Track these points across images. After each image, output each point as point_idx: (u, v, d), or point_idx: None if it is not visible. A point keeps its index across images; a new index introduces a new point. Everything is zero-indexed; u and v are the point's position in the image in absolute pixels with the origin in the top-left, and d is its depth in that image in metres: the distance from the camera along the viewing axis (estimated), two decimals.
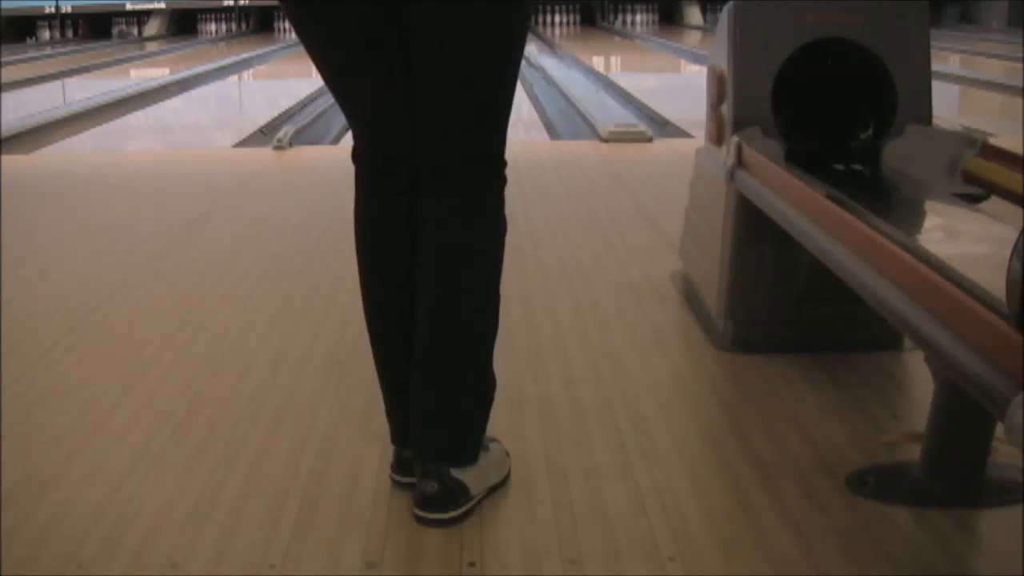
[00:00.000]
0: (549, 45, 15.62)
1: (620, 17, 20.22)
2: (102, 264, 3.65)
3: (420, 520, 1.85)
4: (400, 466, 1.97)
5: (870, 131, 2.66)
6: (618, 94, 9.12)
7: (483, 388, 1.91)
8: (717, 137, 2.79)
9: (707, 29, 17.26)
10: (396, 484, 1.98)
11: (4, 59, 13.84)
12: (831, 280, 1.95)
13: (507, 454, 2.01)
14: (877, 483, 1.95)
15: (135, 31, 20.65)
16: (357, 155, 1.91)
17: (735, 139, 2.57)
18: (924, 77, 2.62)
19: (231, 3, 20.38)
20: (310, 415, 2.33)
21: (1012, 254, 1.31)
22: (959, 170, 2.41)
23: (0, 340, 2.80)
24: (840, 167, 2.60)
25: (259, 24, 20.46)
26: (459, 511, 1.84)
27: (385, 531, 1.84)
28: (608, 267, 3.41)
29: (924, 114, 2.61)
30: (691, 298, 2.97)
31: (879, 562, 1.73)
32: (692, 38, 16.56)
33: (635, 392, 2.42)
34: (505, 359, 2.66)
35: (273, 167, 5.60)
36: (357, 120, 1.89)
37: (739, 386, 2.47)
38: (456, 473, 1.84)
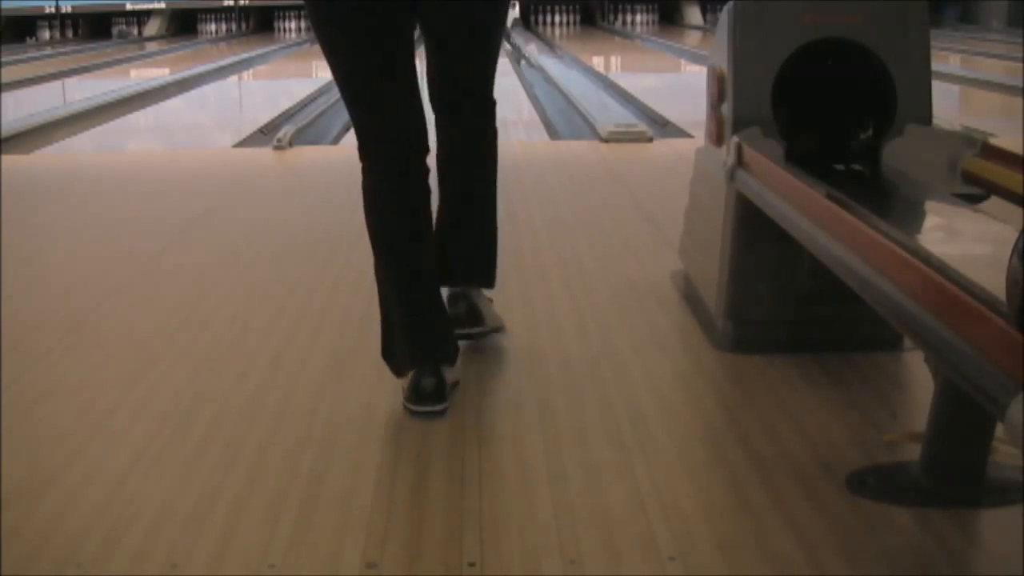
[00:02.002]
0: (549, 45, 15.61)
1: (620, 17, 20.19)
2: (102, 264, 3.65)
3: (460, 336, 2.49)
4: (417, 395, 2.28)
5: (870, 131, 2.66)
6: (618, 94, 9.11)
7: (496, 232, 2.66)
8: (717, 137, 2.79)
9: (707, 29, 17.24)
10: (411, 414, 2.26)
11: (4, 59, 13.83)
12: (831, 280, 1.95)
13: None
14: (877, 483, 1.95)
15: (135, 31, 20.63)
16: (371, 150, 2.36)
17: (735, 139, 2.57)
18: (924, 77, 2.62)
19: (231, 3, 20.37)
20: (310, 415, 2.33)
21: (1012, 254, 1.31)
22: (959, 170, 2.41)
23: (0, 340, 2.80)
24: (840, 167, 2.60)
25: (259, 24, 20.44)
26: (479, 329, 2.64)
27: (385, 531, 1.84)
28: (608, 267, 3.41)
29: (924, 114, 2.61)
30: (691, 298, 2.97)
31: (879, 562, 1.73)
32: (692, 38, 16.55)
33: (635, 392, 2.42)
34: (505, 359, 2.67)
35: (273, 167, 5.60)
36: (369, 111, 2.34)
37: (739, 386, 2.47)
38: (479, 301, 2.65)
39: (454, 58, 2.49)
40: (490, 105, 2.59)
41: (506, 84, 10.75)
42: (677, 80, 11.81)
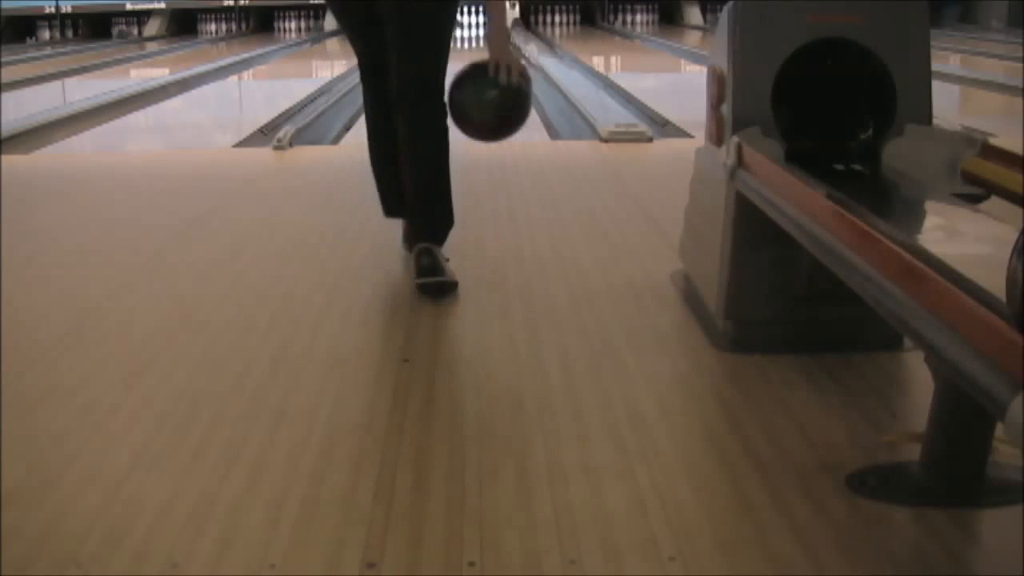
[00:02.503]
0: (549, 45, 15.61)
1: (620, 17, 20.18)
2: (102, 264, 3.65)
3: (422, 287, 3.09)
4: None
5: (870, 131, 2.66)
6: (618, 94, 9.11)
7: (450, 202, 3.27)
8: (717, 137, 2.79)
9: (707, 29, 17.24)
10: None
11: (4, 59, 13.82)
12: (831, 280, 1.95)
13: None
14: (877, 483, 1.95)
15: (135, 31, 20.60)
16: (367, 80, 3.36)
17: (735, 139, 2.57)
18: (924, 77, 2.62)
19: (231, 3, 20.36)
20: (310, 415, 2.33)
21: (1012, 254, 1.32)
22: (959, 170, 2.41)
23: (0, 340, 2.80)
24: (840, 167, 2.60)
25: (259, 24, 20.42)
26: (439, 278, 3.09)
27: (385, 531, 1.84)
28: (608, 267, 3.41)
29: (924, 114, 2.61)
30: (691, 298, 2.97)
31: (879, 562, 1.73)
32: (692, 38, 16.55)
33: (635, 392, 2.42)
34: (505, 359, 2.68)
35: (273, 167, 5.60)
36: (368, 56, 3.31)
37: (739, 386, 2.47)
38: (439, 258, 3.15)
39: (400, 54, 3.12)
40: (437, 106, 3.14)
41: None
42: (677, 80, 11.81)
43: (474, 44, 16.64)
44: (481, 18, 18.77)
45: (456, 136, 3.31)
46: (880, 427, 2.20)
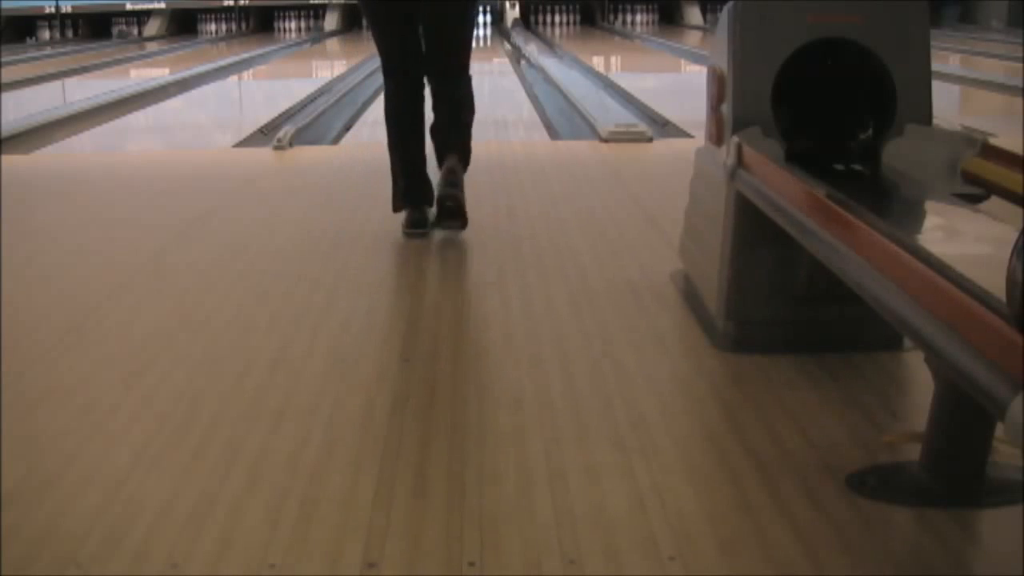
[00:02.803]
0: (549, 45, 15.60)
1: (620, 17, 20.17)
2: (102, 264, 3.65)
3: (442, 197, 3.64)
4: (411, 224, 3.75)
5: (870, 131, 2.66)
6: (618, 94, 9.10)
7: (470, 146, 3.84)
8: (717, 137, 2.79)
9: (707, 29, 17.23)
10: (406, 235, 3.70)
11: (4, 59, 13.81)
12: (831, 280, 1.95)
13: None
14: (877, 483, 1.95)
15: (135, 31, 20.60)
16: (389, 72, 3.85)
17: (735, 139, 2.57)
18: (924, 77, 2.62)
19: (231, 3, 20.35)
20: (310, 415, 2.33)
21: (1012, 254, 1.32)
22: (959, 170, 2.41)
23: (0, 340, 2.80)
24: (840, 167, 2.60)
25: (259, 24, 20.42)
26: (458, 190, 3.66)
27: (385, 531, 1.84)
28: (608, 267, 3.41)
29: (924, 114, 2.61)
30: (691, 298, 2.97)
31: (879, 562, 1.73)
32: (692, 38, 16.54)
33: (635, 392, 2.42)
34: (505, 359, 2.68)
35: (273, 167, 5.60)
36: (392, 54, 3.83)
37: (739, 386, 2.47)
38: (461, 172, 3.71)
39: (438, 46, 3.78)
40: (464, 76, 3.82)
41: (506, 84, 10.77)
42: (677, 80, 11.81)
43: (477, 43, 16.62)
44: (484, 18, 18.81)
45: None
46: (880, 427, 2.20)
